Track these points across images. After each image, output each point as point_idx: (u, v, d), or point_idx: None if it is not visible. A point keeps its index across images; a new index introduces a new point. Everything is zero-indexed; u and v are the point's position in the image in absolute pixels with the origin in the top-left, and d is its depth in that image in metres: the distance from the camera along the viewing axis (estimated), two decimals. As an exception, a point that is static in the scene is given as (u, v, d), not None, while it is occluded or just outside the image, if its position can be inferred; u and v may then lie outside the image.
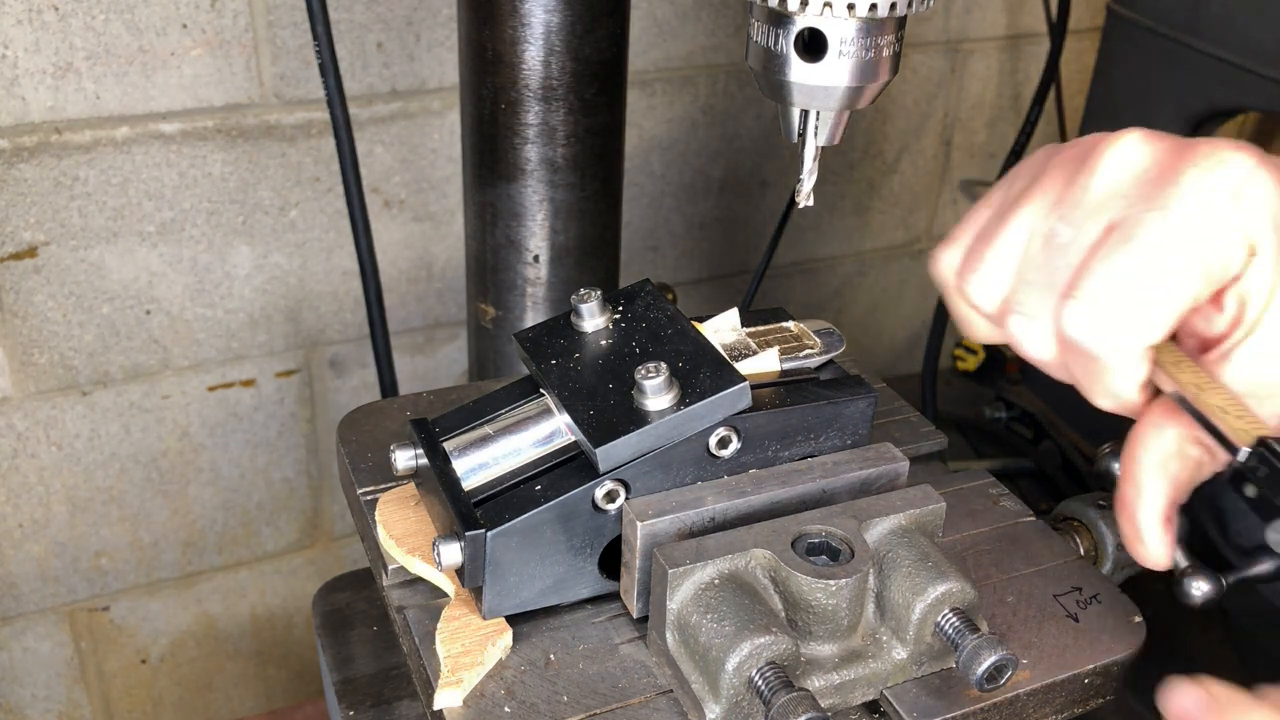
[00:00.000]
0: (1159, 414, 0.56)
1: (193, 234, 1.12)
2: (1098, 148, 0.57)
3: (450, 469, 0.58)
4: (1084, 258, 0.55)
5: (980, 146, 1.56)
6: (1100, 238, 0.54)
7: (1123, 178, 0.55)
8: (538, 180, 0.85)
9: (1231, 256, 0.53)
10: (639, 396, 0.57)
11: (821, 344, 0.65)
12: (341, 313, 1.23)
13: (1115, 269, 0.53)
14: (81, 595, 1.24)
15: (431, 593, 0.61)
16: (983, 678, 0.51)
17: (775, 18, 0.59)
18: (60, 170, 1.05)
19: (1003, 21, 1.47)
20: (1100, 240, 0.54)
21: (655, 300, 0.65)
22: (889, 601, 0.55)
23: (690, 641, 0.53)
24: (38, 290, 1.08)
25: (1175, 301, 0.53)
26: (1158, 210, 0.53)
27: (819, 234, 1.50)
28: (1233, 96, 1.08)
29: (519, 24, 0.79)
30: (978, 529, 0.68)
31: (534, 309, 0.90)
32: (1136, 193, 0.54)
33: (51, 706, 1.28)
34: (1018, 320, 0.58)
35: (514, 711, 0.54)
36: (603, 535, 0.58)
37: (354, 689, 0.73)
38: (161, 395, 1.18)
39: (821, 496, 0.60)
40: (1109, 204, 0.55)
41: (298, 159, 1.14)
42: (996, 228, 0.59)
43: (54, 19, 1.00)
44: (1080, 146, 0.59)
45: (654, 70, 1.27)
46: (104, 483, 1.19)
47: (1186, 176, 0.53)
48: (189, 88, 1.07)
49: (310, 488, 1.31)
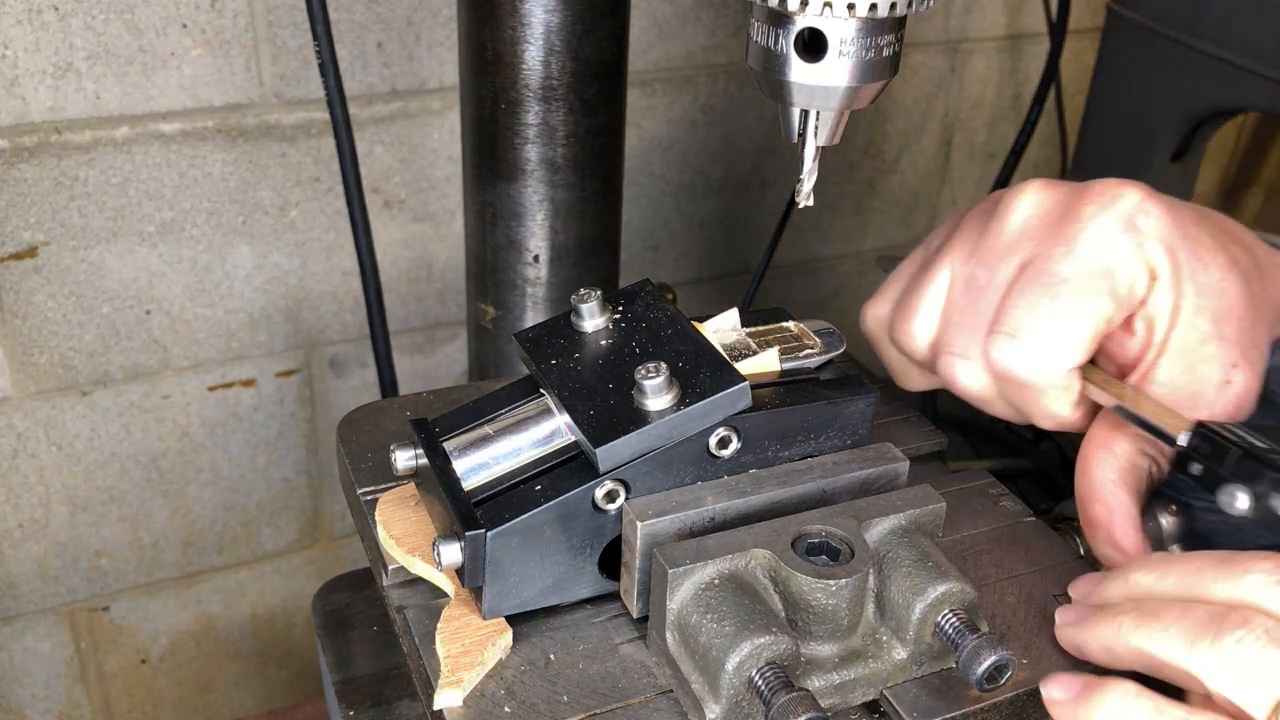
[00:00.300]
0: (1102, 434, 0.63)
1: (193, 234, 1.12)
2: (1005, 199, 0.63)
3: (450, 469, 0.58)
4: (1003, 295, 0.61)
5: (980, 146, 1.56)
6: (1015, 276, 0.61)
7: (1030, 221, 0.62)
8: (538, 180, 0.85)
9: (1135, 280, 0.59)
10: (639, 396, 0.57)
11: (821, 344, 0.65)
12: (341, 313, 1.23)
13: (1032, 302, 0.59)
14: (81, 595, 1.24)
15: (431, 593, 0.61)
16: (983, 678, 0.51)
17: (775, 18, 0.59)
18: (60, 170, 1.05)
19: (1003, 21, 1.47)
20: (1016, 278, 0.61)
21: (655, 300, 0.65)
22: (889, 601, 0.55)
23: (690, 641, 0.53)
24: (38, 290, 1.08)
25: (1089, 324, 0.59)
26: (1064, 246, 0.59)
27: (819, 234, 1.50)
28: (1233, 96, 1.08)
29: (519, 24, 0.79)
30: (978, 529, 0.68)
31: (534, 309, 0.90)
32: (1043, 233, 0.61)
33: (51, 706, 1.28)
34: (949, 360, 0.64)
35: (514, 711, 0.54)
36: (603, 535, 0.58)
37: (354, 689, 0.73)
38: (161, 395, 1.18)
39: (821, 496, 0.60)
40: (1020, 245, 0.61)
41: (298, 159, 1.14)
42: (921, 279, 0.66)
43: (54, 19, 1.00)
44: (989, 201, 0.66)
45: (654, 70, 1.27)
46: (104, 483, 1.19)
47: (1085, 213, 0.60)
48: (189, 88, 1.07)
49: (310, 488, 1.31)
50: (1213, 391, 0.60)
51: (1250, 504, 0.54)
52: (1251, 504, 0.54)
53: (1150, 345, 0.61)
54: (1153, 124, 1.20)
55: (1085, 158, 1.35)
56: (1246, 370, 0.60)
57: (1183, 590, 0.49)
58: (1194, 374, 0.60)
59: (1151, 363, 0.61)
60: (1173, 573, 0.50)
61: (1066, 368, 0.60)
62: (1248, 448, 0.55)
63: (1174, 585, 0.50)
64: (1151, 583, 0.51)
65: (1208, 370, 0.60)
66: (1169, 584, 0.50)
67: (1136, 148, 1.24)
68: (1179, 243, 0.60)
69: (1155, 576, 0.51)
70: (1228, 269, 0.61)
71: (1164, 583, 0.50)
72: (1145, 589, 0.51)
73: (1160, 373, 0.61)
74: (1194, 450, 0.57)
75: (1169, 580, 0.50)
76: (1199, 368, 0.60)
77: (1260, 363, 0.62)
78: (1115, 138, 1.28)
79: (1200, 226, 0.62)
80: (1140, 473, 0.63)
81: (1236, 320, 0.61)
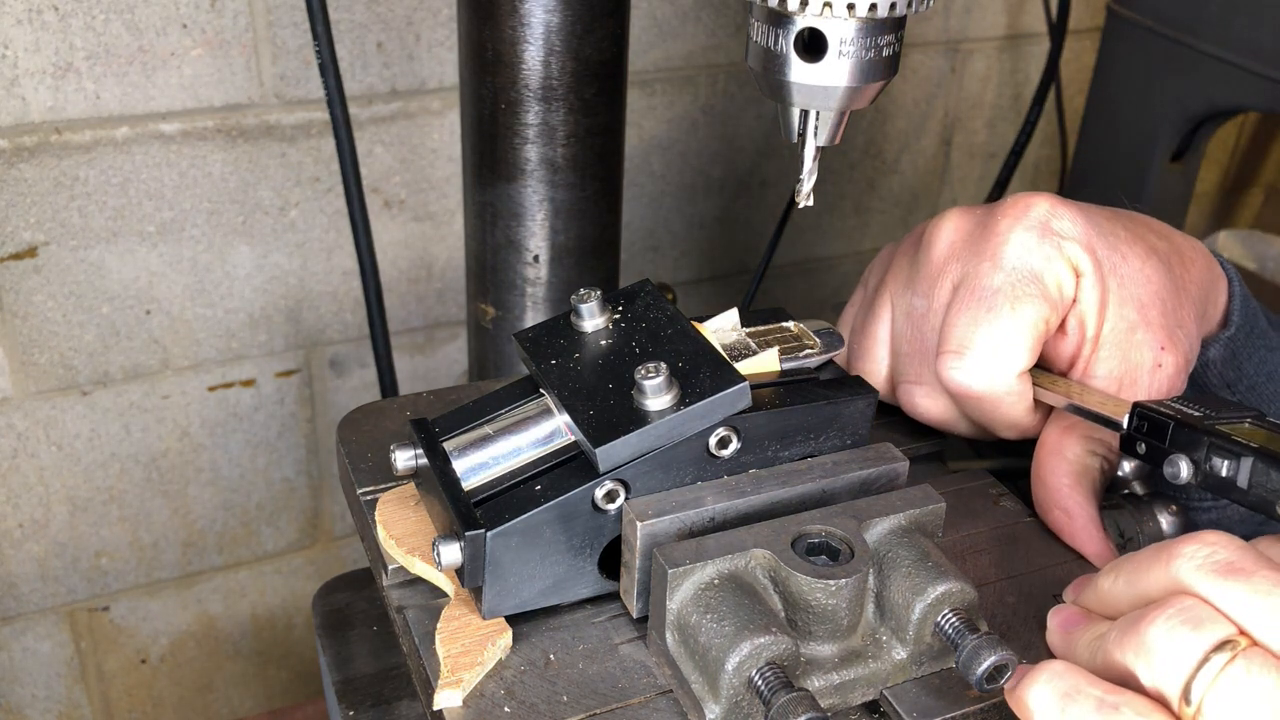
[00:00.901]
0: (1051, 439, 0.66)
1: (193, 234, 1.12)
2: (929, 229, 0.67)
3: (450, 469, 0.58)
4: (944, 318, 0.64)
5: (980, 146, 1.56)
6: (951, 297, 0.64)
7: (954, 245, 0.65)
8: (538, 180, 0.85)
9: (1062, 280, 0.62)
10: (639, 396, 0.57)
11: (821, 344, 0.65)
12: (341, 313, 1.23)
13: (971, 317, 0.62)
14: (81, 595, 1.24)
15: (431, 593, 0.61)
16: (983, 678, 0.51)
17: (775, 18, 0.59)
18: (60, 170, 1.05)
19: (1003, 21, 1.47)
20: (952, 299, 0.64)
21: (655, 300, 0.65)
22: (889, 601, 0.55)
23: (690, 641, 0.53)
24: (38, 290, 1.08)
25: (1028, 328, 0.61)
26: (989, 261, 0.63)
27: (819, 234, 1.50)
28: (1233, 96, 1.08)
29: (519, 24, 0.79)
30: (978, 529, 0.68)
31: (534, 309, 0.90)
32: (968, 252, 0.64)
33: (51, 706, 1.28)
34: (906, 389, 0.69)
35: (514, 711, 0.54)
36: (603, 535, 0.58)
37: (354, 689, 0.73)
38: (161, 395, 1.18)
39: (821, 496, 0.60)
40: (949, 269, 0.65)
41: (298, 159, 1.14)
42: (866, 320, 0.71)
43: (54, 19, 1.00)
44: (914, 234, 0.70)
45: (654, 70, 1.27)
46: (104, 483, 1.19)
47: (1002, 226, 0.63)
48: (189, 88, 1.07)
49: (310, 488, 1.31)
50: (1147, 376, 0.63)
51: (1190, 470, 0.56)
52: (1192, 470, 0.56)
53: (1085, 341, 0.64)
54: (1153, 124, 1.20)
55: (1085, 158, 1.35)
56: (1174, 351, 0.64)
57: (1130, 589, 0.50)
58: (1129, 362, 0.63)
59: (1089, 358, 0.64)
60: (1123, 573, 0.51)
61: (1015, 373, 0.62)
62: (1183, 418, 0.57)
63: (1124, 586, 0.50)
64: (1109, 586, 0.52)
65: (1139, 356, 0.63)
66: (1121, 586, 0.51)
67: (1136, 148, 1.24)
68: (1096, 240, 0.63)
69: (1112, 580, 0.52)
70: (1146, 257, 0.65)
71: (1118, 585, 0.51)
72: (1106, 593, 0.52)
73: (1098, 366, 0.64)
74: (1136, 431, 0.59)
75: (1120, 582, 0.51)
76: (1131, 355, 0.63)
77: (1185, 342, 0.65)
78: (1115, 138, 1.28)
79: (1114, 222, 0.65)
80: (1093, 471, 0.65)
81: (1160, 304, 0.64)
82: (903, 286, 0.69)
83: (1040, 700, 0.48)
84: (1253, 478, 0.53)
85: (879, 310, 0.70)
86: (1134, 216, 0.68)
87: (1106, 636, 0.48)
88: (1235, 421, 0.57)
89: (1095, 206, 0.66)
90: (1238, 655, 0.43)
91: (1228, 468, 0.54)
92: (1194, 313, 0.67)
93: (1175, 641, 0.45)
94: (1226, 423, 0.56)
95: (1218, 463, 0.54)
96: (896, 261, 0.70)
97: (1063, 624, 0.53)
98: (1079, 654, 0.51)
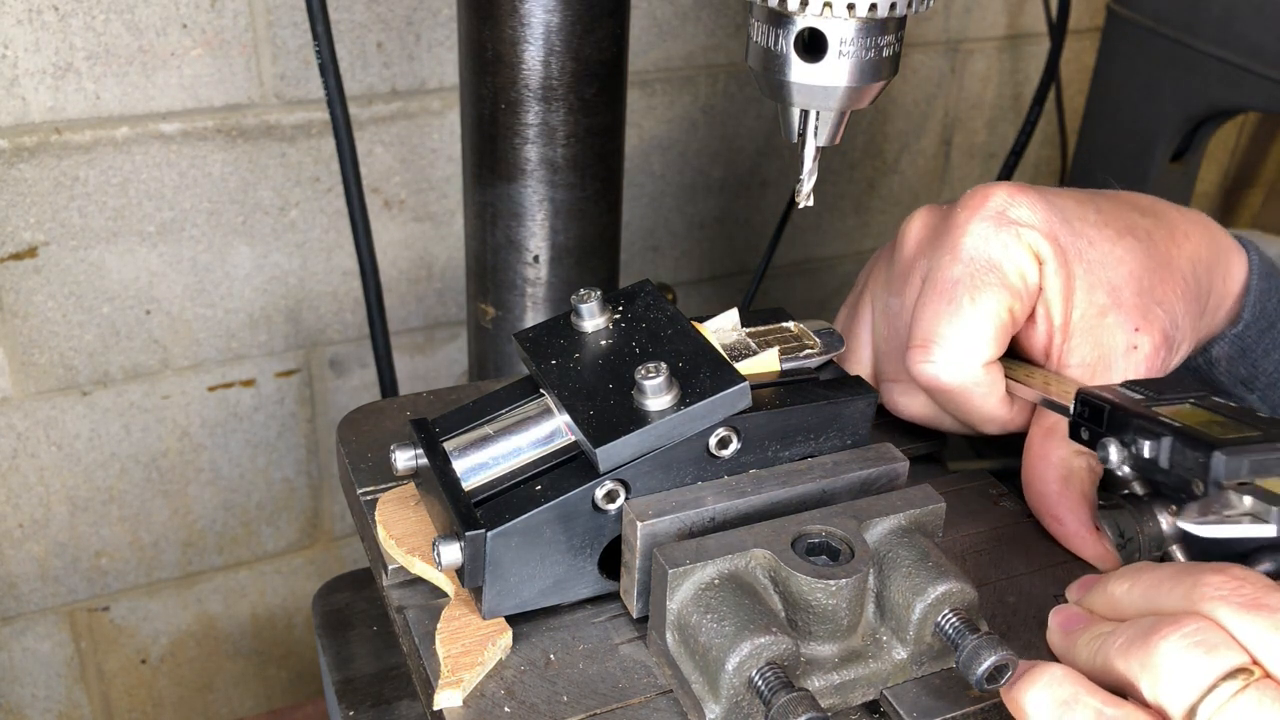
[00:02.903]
0: (1037, 444, 0.65)
1: (193, 234, 1.12)
2: (900, 230, 0.68)
3: (450, 469, 0.58)
4: (912, 313, 0.64)
5: (980, 146, 1.56)
6: (918, 292, 0.64)
7: (920, 243, 0.66)
8: (538, 180, 0.85)
9: (1024, 268, 0.62)
10: (639, 396, 0.57)
11: (821, 344, 0.65)
12: (341, 313, 1.23)
13: (934, 310, 0.62)
14: (81, 595, 1.24)
15: (431, 593, 0.61)
16: (983, 678, 0.51)
17: (775, 18, 0.59)
18: (60, 170, 1.05)
19: (1003, 21, 1.47)
20: (918, 295, 0.64)
21: (655, 300, 0.65)
22: (889, 601, 0.55)
23: (690, 641, 0.53)
24: (38, 290, 1.08)
25: (990, 317, 0.61)
26: (949, 253, 0.63)
27: (819, 234, 1.50)
28: (1233, 96, 1.08)
29: (519, 24, 0.79)
30: (978, 529, 0.68)
31: (534, 309, 0.90)
32: (931, 247, 0.65)
33: (51, 706, 1.28)
34: (887, 388, 0.69)
35: (514, 711, 0.54)
36: (603, 535, 0.58)
37: (354, 689, 0.73)
38: (161, 395, 1.18)
39: (821, 496, 0.60)
40: (917, 265, 0.66)
41: (298, 159, 1.14)
42: (849, 321, 0.72)
43: (54, 19, 1.00)
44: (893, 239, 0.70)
45: (654, 70, 1.27)
46: (104, 483, 1.19)
47: (960, 219, 0.63)
48: (189, 88, 1.07)
49: (310, 488, 1.31)
50: (1121, 360, 0.62)
51: (1121, 454, 0.55)
52: (1122, 453, 0.55)
53: (1054, 330, 0.64)
54: (1153, 124, 1.20)
55: (1085, 158, 1.35)
56: (1149, 330, 0.63)
57: (1144, 601, 0.50)
58: (1101, 347, 0.63)
59: (1061, 346, 0.63)
60: (1139, 584, 0.51)
61: (981, 363, 0.62)
62: (1120, 401, 0.56)
63: (1139, 597, 0.50)
64: (1122, 594, 0.52)
65: (1111, 340, 0.62)
66: (1135, 595, 0.51)
67: (1136, 148, 1.24)
68: (1058, 226, 0.63)
69: (1126, 588, 0.52)
70: (1118, 238, 0.64)
71: (1131, 594, 0.51)
72: (1117, 599, 0.52)
73: (1071, 355, 0.63)
74: (1079, 417, 0.58)
75: (1135, 592, 0.51)
76: (1104, 340, 0.63)
77: (1163, 319, 0.64)
78: (1115, 138, 1.28)
79: (1086, 206, 0.65)
80: (1081, 472, 0.64)
81: (1135, 284, 0.63)
82: (881, 287, 0.69)
83: (1037, 705, 0.48)
84: (1172, 456, 0.52)
85: (860, 312, 0.71)
86: (1116, 196, 0.67)
87: (1109, 640, 0.48)
88: (1177, 402, 0.56)
89: (1068, 190, 0.66)
90: (1250, 685, 0.43)
91: (1149, 449, 0.53)
92: (1181, 288, 0.65)
93: (1187, 662, 0.45)
94: (1167, 404, 0.55)
95: (1141, 444, 0.53)
96: (876, 265, 0.71)
97: (1064, 624, 0.53)
98: (1079, 655, 0.51)
